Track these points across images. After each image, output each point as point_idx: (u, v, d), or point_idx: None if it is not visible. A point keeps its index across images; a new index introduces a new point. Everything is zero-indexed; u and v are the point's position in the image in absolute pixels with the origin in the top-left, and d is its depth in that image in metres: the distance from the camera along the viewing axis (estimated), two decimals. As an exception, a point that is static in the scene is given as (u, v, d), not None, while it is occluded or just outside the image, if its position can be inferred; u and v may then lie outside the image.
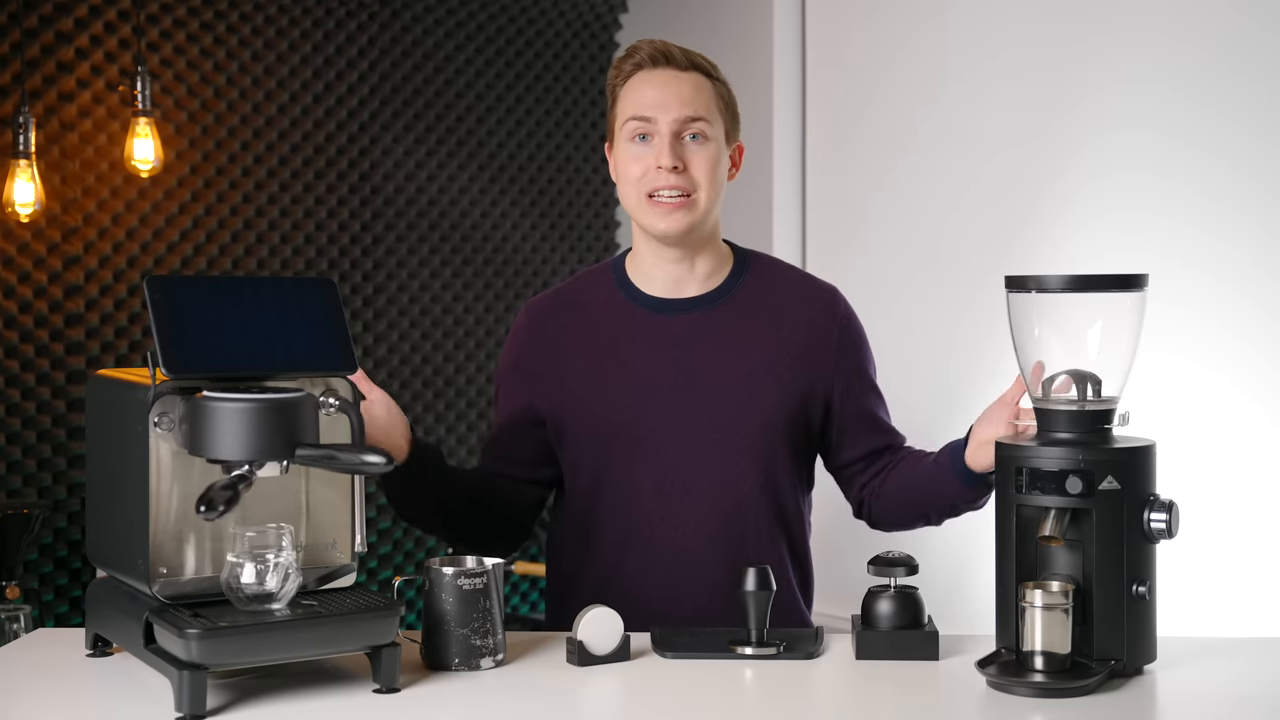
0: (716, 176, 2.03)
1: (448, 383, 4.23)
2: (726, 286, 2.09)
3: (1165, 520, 1.67)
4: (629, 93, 2.04)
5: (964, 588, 3.26)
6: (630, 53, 2.06)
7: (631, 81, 2.05)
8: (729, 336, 2.06)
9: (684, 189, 2.00)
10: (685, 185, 2.00)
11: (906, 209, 3.86)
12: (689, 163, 2.00)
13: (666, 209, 2.00)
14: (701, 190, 2.01)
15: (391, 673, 1.63)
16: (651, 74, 2.03)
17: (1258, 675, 1.73)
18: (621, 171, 2.05)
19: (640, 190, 2.02)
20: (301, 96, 3.90)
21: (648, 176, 2.01)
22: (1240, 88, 3.20)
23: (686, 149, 2.01)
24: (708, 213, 2.04)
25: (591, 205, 4.58)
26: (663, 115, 2.00)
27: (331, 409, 1.67)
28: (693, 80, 2.03)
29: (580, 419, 2.06)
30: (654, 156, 2.00)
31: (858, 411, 2.11)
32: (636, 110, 2.02)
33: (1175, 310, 3.18)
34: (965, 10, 3.74)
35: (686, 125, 2.01)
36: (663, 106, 2.00)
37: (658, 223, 2.01)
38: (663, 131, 2.00)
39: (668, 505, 2.02)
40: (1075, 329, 1.76)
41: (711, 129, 2.03)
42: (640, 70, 2.04)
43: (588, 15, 4.54)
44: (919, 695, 1.67)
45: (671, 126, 2.00)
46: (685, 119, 2.00)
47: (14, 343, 3.38)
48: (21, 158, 3.23)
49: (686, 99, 2.01)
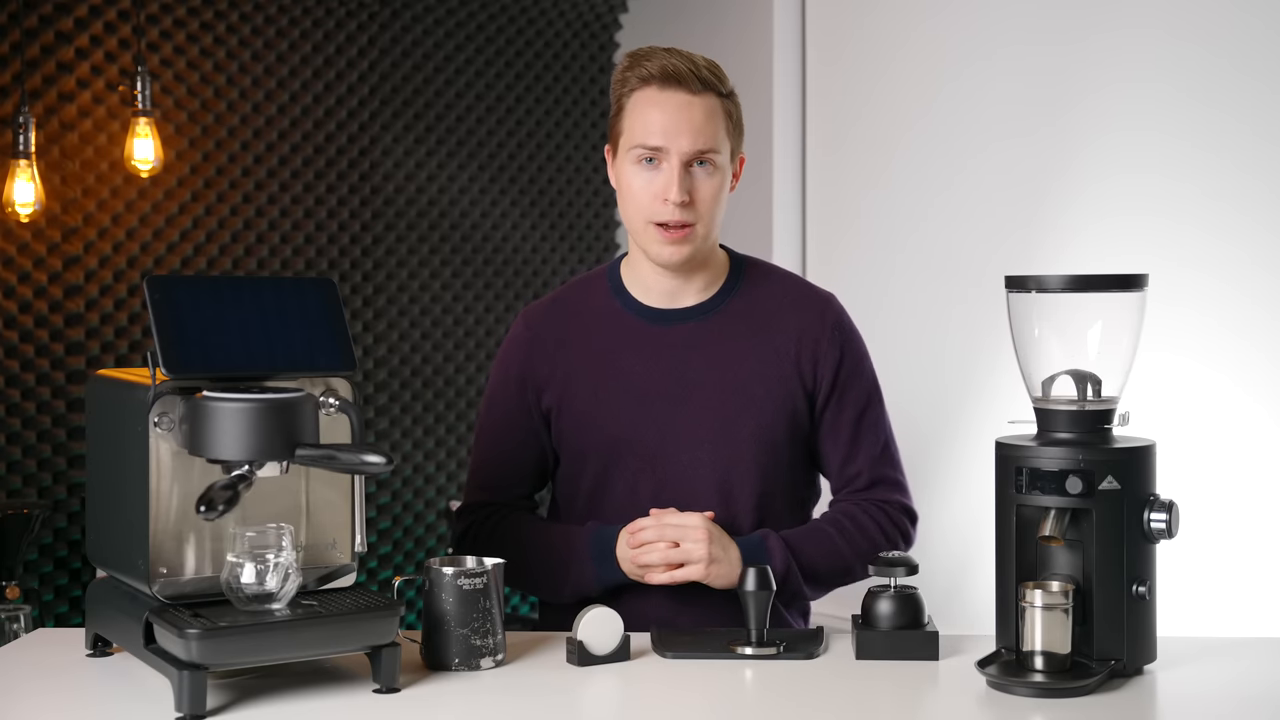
0: (720, 202, 2.00)
1: (448, 383, 4.23)
2: (721, 296, 2.08)
3: (1165, 520, 1.67)
4: (637, 110, 1.98)
5: (964, 588, 3.26)
6: (639, 61, 1.99)
7: (639, 98, 1.98)
8: (724, 347, 2.04)
9: (689, 221, 1.97)
10: (690, 218, 1.97)
11: (907, 209, 3.86)
12: (696, 194, 1.96)
13: (669, 238, 1.97)
14: (704, 220, 1.98)
15: (391, 673, 1.63)
16: (662, 96, 1.96)
17: (1258, 675, 1.73)
18: (625, 190, 2.01)
19: (645, 216, 1.98)
20: (301, 96, 3.90)
21: (654, 206, 1.97)
22: (1241, 86, 3.20)
23: (695, 179, 1.96)
24: (707, 239, 2.02)
25: (591, 205, 4.58)
26: (673, 146, 1.95)
27: (331, 409, 1.67)
28: (704, 106, 1.96)
29: (579, 429, 2.05)
30: (662, 187, 1.96)
31: (840, 426, 2.07)
32: (645, 138, 1.96)
33: (1176, 310, 3.18)
34: (965, 9, 3.74)
35: (697, 155, 1.96)
36: (674, 137, 1.95)
37: (661, 250, 1.99)
38: (673, 163, 1.95)
39: None
40: (1075, 329, 1.76)
41: (720, 157, 1.98)
42: (649, 87, 1.97)
43: (588, 15, 4.54)
44: (919, 695, 1.67)
45: (682, 158, 1.95)
46: (696, 151, 1.96)
47: (14, 343, 3.38)
48: (21, 158, 3.24)
49: (698, 129, 1.95)
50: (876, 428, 2.09)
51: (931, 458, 3.64)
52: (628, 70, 2.00)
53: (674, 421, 2.00)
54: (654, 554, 1.92)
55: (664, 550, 1.92)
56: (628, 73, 2.00)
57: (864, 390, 2.08)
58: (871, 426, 2.08)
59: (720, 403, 2.02)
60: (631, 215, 2.01)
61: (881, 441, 2.09)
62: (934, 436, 3.67)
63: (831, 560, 2.02)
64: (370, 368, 4.05)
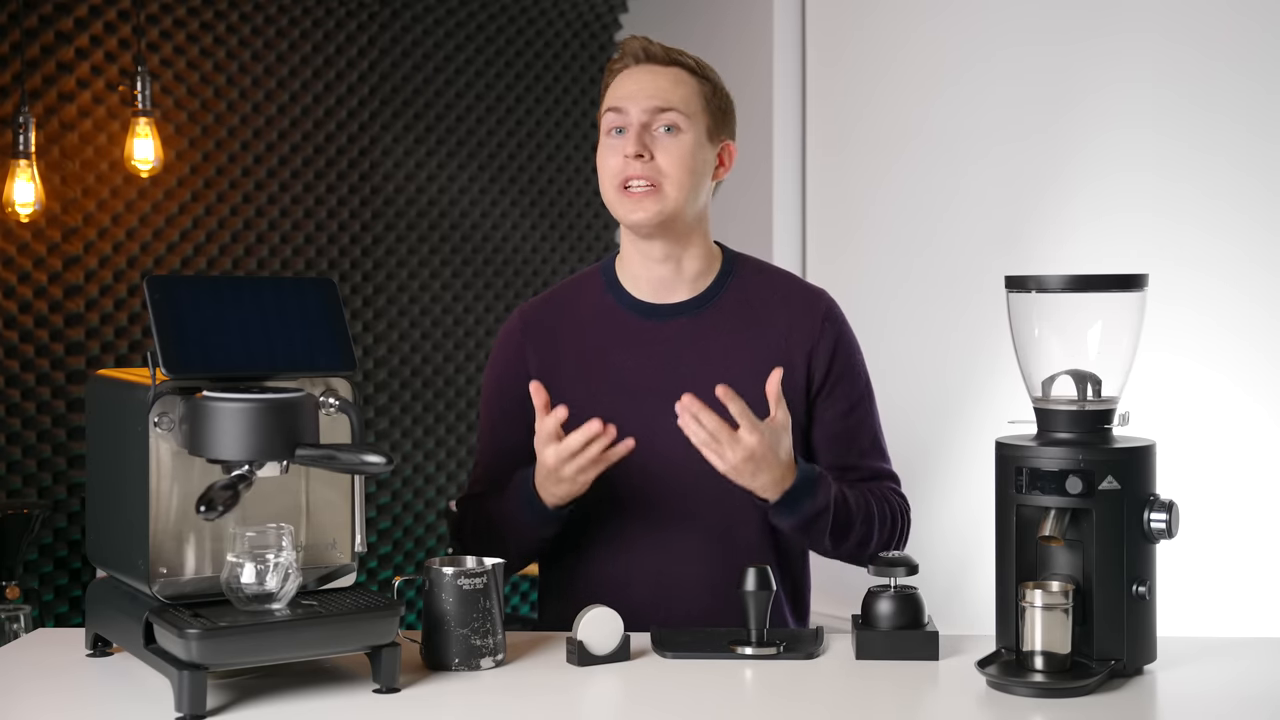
0: (691, 169, 2.01)
1: (448, 383, 4.23)
2: (713, 291, 2.08)
3: (1165, 520, 1.67)
4: (610, 89, 2.06)
5: (964, 588, 3.26)
6: (619, 53, 2.08)
7: (614, 79, 2.07)
8: (715, 343, 2.05)
9: (651, 179, 1.99)
10: (652, 175, 1.99)
11: (907, 208, 3.86)
12: (656, 152, 2.00)
13: (636, 199, 2.00)
14: (670, 181, 1.99)
15: (391, 673, 1.63)
16: (634, 70, 2.05)
17: (1258, 675, 1.73)
18: (600, 166, 2.06)
19: (615, 182, 2.02)
20: (301, 96, 3.90)
21: (618, 166, 2.01)
22: (1238, 87, 3.20)
23: (657, 140, 2.00)
24: (680, 205, 2.01)
25: (591, 205, 4.58)
26: (633, 106, 2.01)
27: (331, 409, 1.67)
28: (671, 74, 2.03)
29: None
30: (622, 145, 2.01)
31: (832, 420, 2.08)
32: (611, 102, 2.03)
33: (1175, 310, 3.18)
34: (965, 10, 3.74)
35: (656, 116, 2.00)
36: (633, 98, 2.01)
37: (629, 214, 2.01)
38: (632, 121, 2.01)
39: (658, 512, 2.02)
40: (1075, 329, 1.76)
41: (687, 121, 2.01)
42: (625, 68, 2.06)
43: (588, 15, 4.54)
44: (919, 695, 1.67)
45: (641, 117, 2.00)
46: (654, 109, 2.00)
47: (14, 343, 3.38)
48: (21, 158, 3.24)
49: (659, 90, 2.01)
50: (868, 420, 2.11)
51: (932, 457, 3.64)
52: (610, 64, 2.09)
53: (667, 417, 2.00)
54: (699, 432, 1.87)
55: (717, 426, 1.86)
56: (610, 65, 2.09)
57: (856, 384, 2.10)
58: (863, 419, 2.10)
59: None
60: (606, 188, 2.04)
61: (872, 434, 2.11)
62: (934, 436, 3.67)
63: (864, 518, 2.01)
64: (370, 368, 4.05)
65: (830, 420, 2.08)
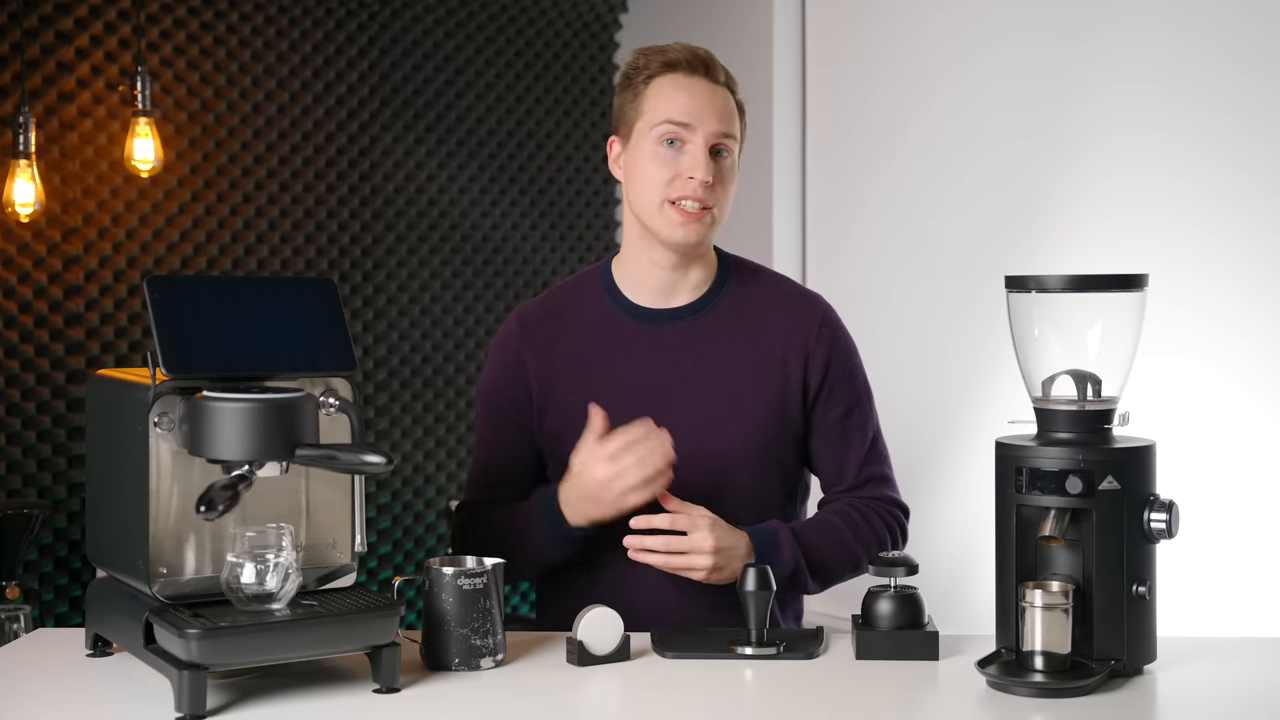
0: (733, 194, 2.04)
1: (448, 383, 4.23)
2: (710, 296, 2.08)
3: (1165, 520, 1.67)
4: (660, 93, 2.00)
5: (964, 588, 3.26)
6: (658, 50, 2.02)
7: (662, 82, 2.00)
8: (713, 347, 2.05)
9: (708, 203, 1.99)
10: (710, 200, 1.99)
11: (907, 208, 3.86)
12: (715, 178, 1.99)
13: (687, 218, 1.98)
14: (720, 206, 2.01)
15: (391, 673, 1.63)
16: (689, 81, 2.00)
17: (1258, 675, 1.73)
18: (639, 172, 2.01)
19: (663, 195, 1.99)
20: (301, 96, 3.90)
21: (675, 184, 1.98)
22: (1242, 86, 3.20)
23: (716, 164, 1.99)
24: (715, 228, 2.03)
25: (591, 205, 4.58)
26: (701, 126, 1.97)
27: (331, 409, 1.67)
28: (725, 97, 2.01)
29: (568, 429, 2.04)
30: (687, 165, 1.97)
31: (830, 424, 2.08)
32: (673, 114, 1.98)
33: (1176, 310, 3.18)
34: (966, 9, 3.74)
35: (720, 140, 1.99)
36: (702, 117, 1.98)
37: (675, 231, 1.99)
38: (699, 142, 1.97)
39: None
40: (1075, 329, 1.76)
41: (735, 145, 2.02)
42: (674, 73, 2.00)
43: (588, 15, 4.54)
44: (919, 695, 1.67)
45: (708, 140, 1.98)
46: (721, 134, 1.99)
47: (14, 343, 3.38)
48: (21, 158, 3.24)
49: (723, 114, 1.99)
50: (866, 425, 2.10)
51: (932, 457, 3.64)
52: (647, 57, 2.03)
53: (663, 422, 1.99)
54: (655, 557, 1.91)
55: (666, 540, 1.90)
56: (648, 58, 2.03)
57: (853, 388, 2.09)
58: (861, 424, 2.09)
59: (710, 403, 2.02)
60: (648, 198, 2.00)
61: (870, 439, 2.11)
62: (934, 436, 3.67)
63: (839, 552, 2.02)
64: (370, 368, 4.05)
65: (828, 424, 2.07)
